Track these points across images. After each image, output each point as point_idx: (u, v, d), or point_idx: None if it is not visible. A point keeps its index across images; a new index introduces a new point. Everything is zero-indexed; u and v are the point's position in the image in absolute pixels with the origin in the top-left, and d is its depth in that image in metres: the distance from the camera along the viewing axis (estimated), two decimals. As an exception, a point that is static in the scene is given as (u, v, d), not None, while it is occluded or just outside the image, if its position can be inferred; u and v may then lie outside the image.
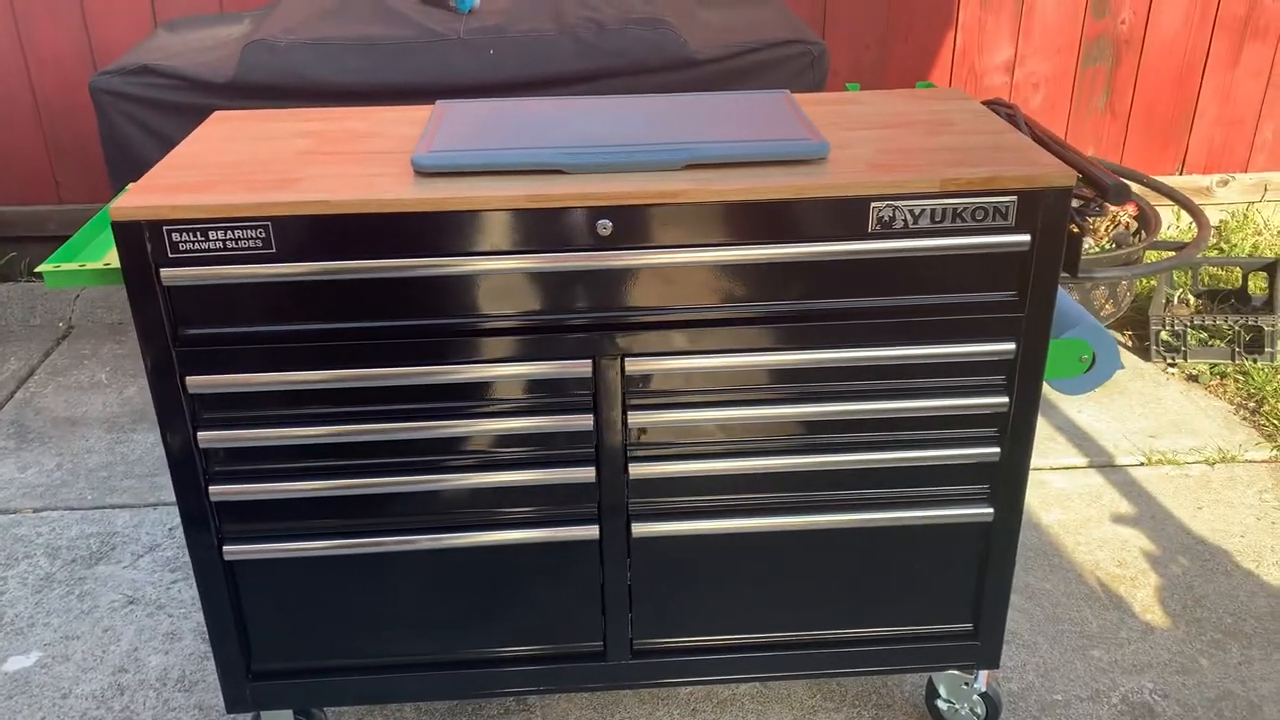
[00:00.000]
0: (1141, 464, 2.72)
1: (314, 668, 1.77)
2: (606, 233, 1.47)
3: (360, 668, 1.78)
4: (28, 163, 3.64)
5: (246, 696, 1.77)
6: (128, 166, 2.70)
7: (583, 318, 1.53)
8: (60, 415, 3.04)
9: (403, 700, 1.98)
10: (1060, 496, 2.60)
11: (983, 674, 1.87)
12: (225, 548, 1.65)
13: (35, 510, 2.63)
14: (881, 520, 1.70)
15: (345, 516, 1.65)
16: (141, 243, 1.44)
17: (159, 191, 1.48)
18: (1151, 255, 3.22)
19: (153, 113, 2.64)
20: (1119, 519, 2.51)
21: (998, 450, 1.66)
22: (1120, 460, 2.74)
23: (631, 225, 1.47)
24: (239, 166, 1.57)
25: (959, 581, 1.77)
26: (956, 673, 1.89)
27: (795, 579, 1.75)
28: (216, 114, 1.84)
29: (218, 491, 1.61)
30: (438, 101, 1.81)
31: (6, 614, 2.28)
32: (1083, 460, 2.74)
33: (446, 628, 1.76)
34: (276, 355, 1.52)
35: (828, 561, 1.74)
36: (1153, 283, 3.35)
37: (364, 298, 1.50)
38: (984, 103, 1.85)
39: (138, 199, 1.45)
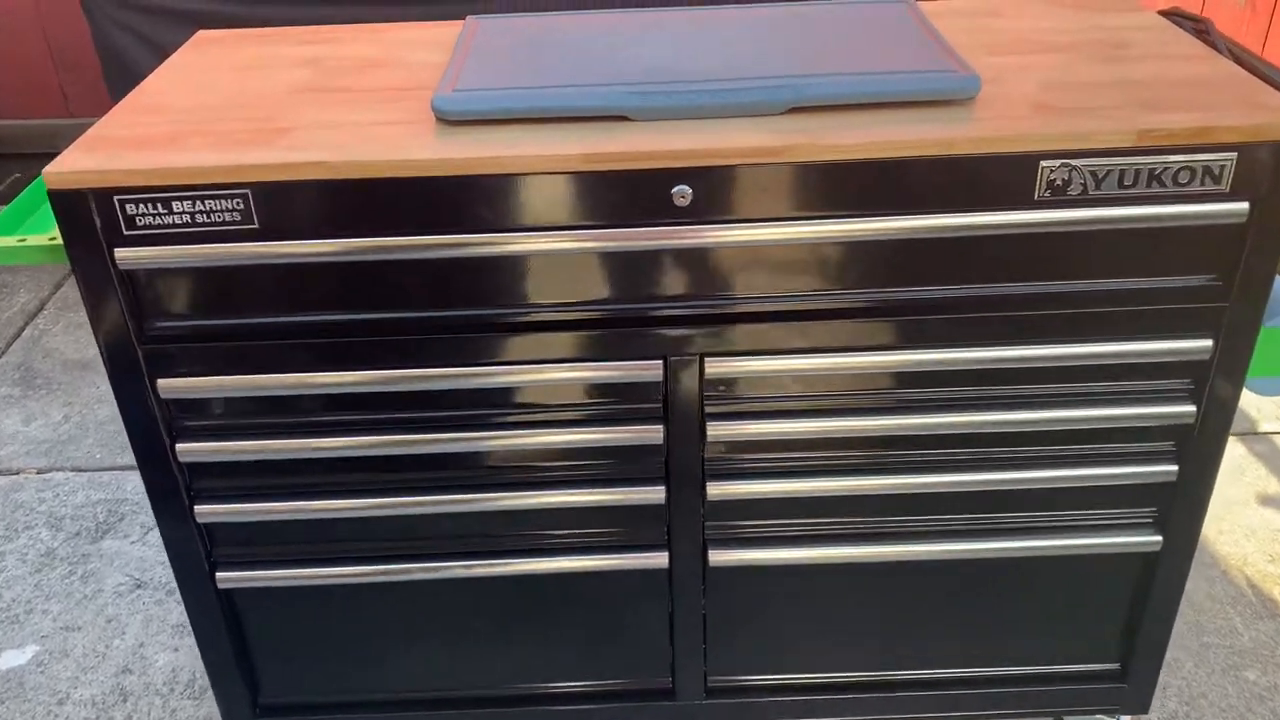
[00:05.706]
0: (1289, 431, 2.35)
1: (332, 703, 1.51)
2: (685, 202, 1.12)
3: (388, 703, 1.51)
4: (32, 75, 3.32)
5: (254, 733, 1.51)
6: (125, 79, 2.38)
7: (653, 308, 1.19)
8: (70, 358, 2.78)
9: (438, 723, 1.72)
10: (1194, 470, 2.24)
11: (1124, 718, 1.57)
12: (218, 574, 1.37)
13: (39, 471, 2.38)
14: (1019, 550, 1.37)
15: (358, 540, 1.36)
16: (88, 217, 1.12)
17: (110, 147, 1.15)
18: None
19: (144, 18, 2.30)
20: (1267, 501, 2.16)
21: (1175, 469, 1.31)
22: (1263, 427, 2.36)
23: (717, 192, 1.12)
24: (216, 109, 1.23)
25: (1109, 616, 1.45)
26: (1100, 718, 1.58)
27: (905, 612, 1.44)
28: (199, 35, 1.50)
29: (204, 512, 1.31)
30: (469, 17, 1.45)
31: (4, 596, 2.05)
32: (1218, 425, 2.37)
33: (487, 660, 1.48)
34: (266, 354, 1.21)
35: (946, 594, 1.42)
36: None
37: (373, 283, 1.17)
38: (1160, 13, 1.45)
39: (81, 159, 1.12)
